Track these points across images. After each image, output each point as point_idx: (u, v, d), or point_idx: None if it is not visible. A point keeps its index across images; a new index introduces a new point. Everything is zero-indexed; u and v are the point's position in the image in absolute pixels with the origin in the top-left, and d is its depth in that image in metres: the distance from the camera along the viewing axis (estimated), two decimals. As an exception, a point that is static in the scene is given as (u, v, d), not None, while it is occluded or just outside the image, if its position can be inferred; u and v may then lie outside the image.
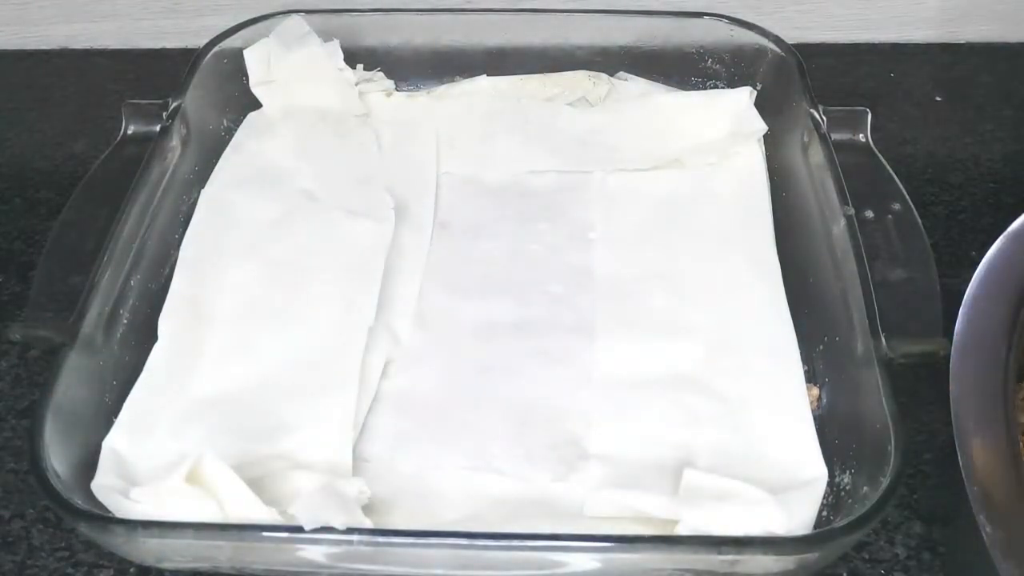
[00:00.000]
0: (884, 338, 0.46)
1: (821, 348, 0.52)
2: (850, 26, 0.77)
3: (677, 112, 0.64)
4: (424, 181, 0.62)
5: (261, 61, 0.65)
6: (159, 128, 0.59)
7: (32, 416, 0.45)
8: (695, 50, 0.66)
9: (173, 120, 0.59)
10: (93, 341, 0.50)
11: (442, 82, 0.68)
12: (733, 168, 0.62)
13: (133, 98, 0.60)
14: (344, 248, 0.57)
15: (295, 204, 0.60)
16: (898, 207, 0.53)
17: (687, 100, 0.64)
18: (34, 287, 0.51)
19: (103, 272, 0.51)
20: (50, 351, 0.48)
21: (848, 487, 0.45)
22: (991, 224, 0.51)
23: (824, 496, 0.46)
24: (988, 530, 0.38)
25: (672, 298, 0.55)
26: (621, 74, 0.67)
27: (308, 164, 0.62)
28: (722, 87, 0.65)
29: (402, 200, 0.60)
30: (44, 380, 0.47)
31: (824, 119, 0.58)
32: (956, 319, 0.44)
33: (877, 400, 0.44)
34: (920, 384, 0.51)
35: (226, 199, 0.60)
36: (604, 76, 0.67)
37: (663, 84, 0.67)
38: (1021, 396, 0.45)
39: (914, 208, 0.53)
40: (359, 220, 0.58)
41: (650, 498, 0.45)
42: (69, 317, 0.49)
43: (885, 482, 0.42)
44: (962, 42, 0.77)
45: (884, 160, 0.56)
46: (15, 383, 0.57)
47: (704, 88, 0.66)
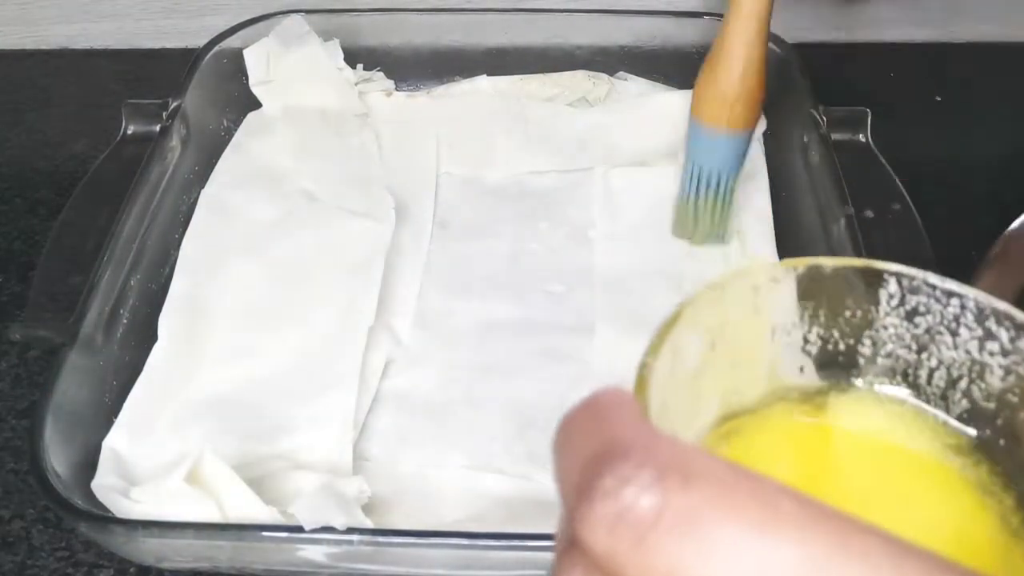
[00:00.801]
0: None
1: (821, 348, 0.52)
2: (850, 26, 0.77)
3: (677, 112, 0.64)
4: (424, 181, 0.62)
5: (261, 61, 0.65)
6: (159, 128, 0.59)
7: (32, 416, 0.45)
8: (695, 50, 0.66)
9: (173, 120, 0.59)
10: (93, 341, 0.50)
11: (442, 82, 0.68)
12: (733, 168, 0.62)
13: (133, 98, 0.61)
14: (344, 248, 0.57)
15: (295, 204, 0.60)
16: (898, 207, 0.53)
17: (687, 100, 0.64)
18: (34, 287, 0.51)
19: (103, 272, 0.51)
20: (50, 351, 0.48)
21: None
22: (991, 224, 0.51)
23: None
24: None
25: (673, 296, 0.55)
26: (621, 74, 0.67)
27: (308, 164, 0.62)
28: (722, 87, 0.65)
29: (402, 200, 0.60)
30: (44, 380, 0.47)
31: (824, 119, 0.58)
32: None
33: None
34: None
35: (226, 199, 0.60)
36: (604, 76, 0.67)
37: (663, 84, 0.67)
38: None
39: (914, 208, 0.53)
40: (359, 220, 0.58)
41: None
42: (69, 317, 0.49)
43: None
44: (962, 42, 0.77)
45: (884, 160, 0.56)
46: (15, 383, 0.57)
47: (704, 88, 0.66)
